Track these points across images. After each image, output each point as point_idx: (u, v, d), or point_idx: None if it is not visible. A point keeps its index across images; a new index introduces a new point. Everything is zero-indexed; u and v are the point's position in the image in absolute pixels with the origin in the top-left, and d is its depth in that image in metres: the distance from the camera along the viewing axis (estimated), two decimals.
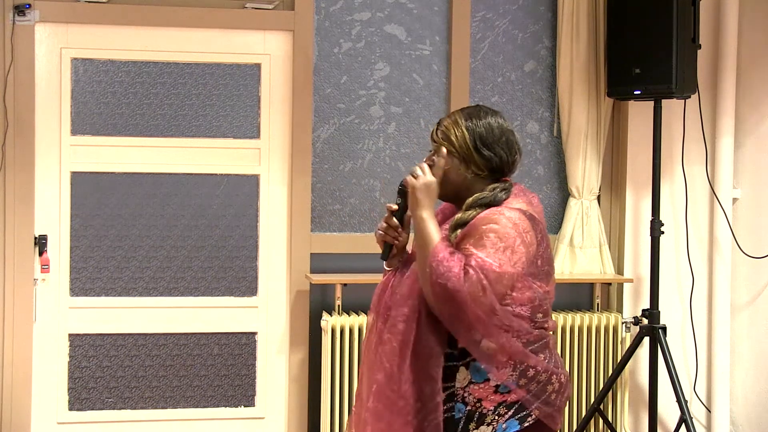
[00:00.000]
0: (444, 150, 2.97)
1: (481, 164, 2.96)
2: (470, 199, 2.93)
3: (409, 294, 2.92)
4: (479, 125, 2.97)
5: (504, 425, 2.87)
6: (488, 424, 2.87)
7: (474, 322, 2.79)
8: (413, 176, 2.95)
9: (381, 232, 3.04)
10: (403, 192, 3.02)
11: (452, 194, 3.00)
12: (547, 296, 2.92)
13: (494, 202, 2.91)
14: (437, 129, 3.01)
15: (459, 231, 2.89)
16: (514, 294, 2.85)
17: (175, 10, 4.98)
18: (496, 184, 2.95)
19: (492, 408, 2.87)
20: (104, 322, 5.01)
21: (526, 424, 2.87)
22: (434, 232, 2.87)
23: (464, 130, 2.96)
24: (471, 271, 2.76)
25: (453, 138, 2.96)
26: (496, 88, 5.33)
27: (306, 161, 5.10)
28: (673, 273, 5.37)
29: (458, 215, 2.92)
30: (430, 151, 3.04)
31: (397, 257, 3.07)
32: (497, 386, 2.86)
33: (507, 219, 2.84)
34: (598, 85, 5.25)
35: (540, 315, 2.90)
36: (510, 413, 2.87)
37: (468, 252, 2.81)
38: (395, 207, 3.03)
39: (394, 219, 3.02)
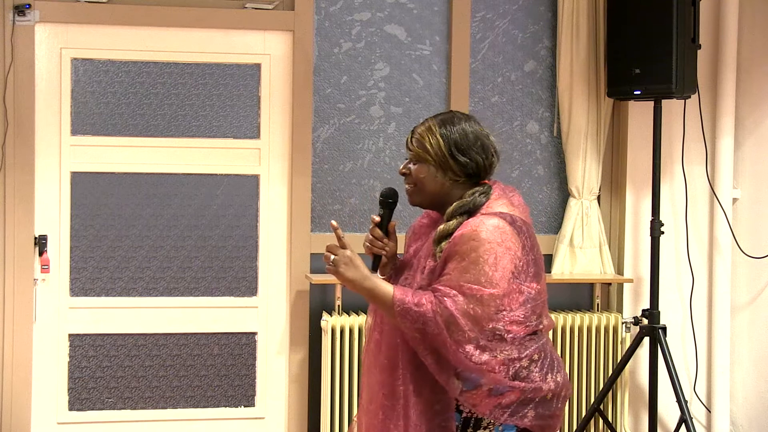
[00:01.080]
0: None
1: (458, 170, 2.94)
2: (450, 208, 2.92)
3: (395, 346, 2.91)
4: (453, 131, 2.95)
5: (500, 428, 2.86)
6: (485, 428, 2.86)
7: (455, 362, 2.78)
8: (328, 265, 2.90)
9: (368, 244, 3.05)
10: (385, 203, 3.05)
11: (430, 202, 3.00)
12: (540, 296, 2.89)
13: (475, 208, 2.90)
14: (411, 137, 3.00)
15: (444, 243, 2.87)
16: (507, 300, 2.82)
17: (175, 10, 4.98)
18: (475, 188, 2.94)
19: (488, 412, 2.85)
20: (104, 322, 5.01)
21: (523, 426, 2.86)
22: (385, 288, 2.84)
23: (439, 138, 2.94)
24: (449, 302, 2.75)
25: (428, 146, 2.95)
26: (496, 88, 5.33)
27: (306, 161, 5.11)
28: (673, 273, 5.37)
29: (441, 227, 2.91)
30: (406, 159, 3.03)
31: (388, 265, 3.09)
32: (490, 390, 2.84)
33: (487, 232, 2.81)
34: (598, 85, 5.25)
35: (534, 318, 2.88)
36: (506, 415, 2.85)
37: (450, 281, 2.78)
38: (378, 219, 3.04)
39: (378, 230, 3.04)
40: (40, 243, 4.91)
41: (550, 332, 3.32)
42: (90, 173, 4.99)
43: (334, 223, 2.94)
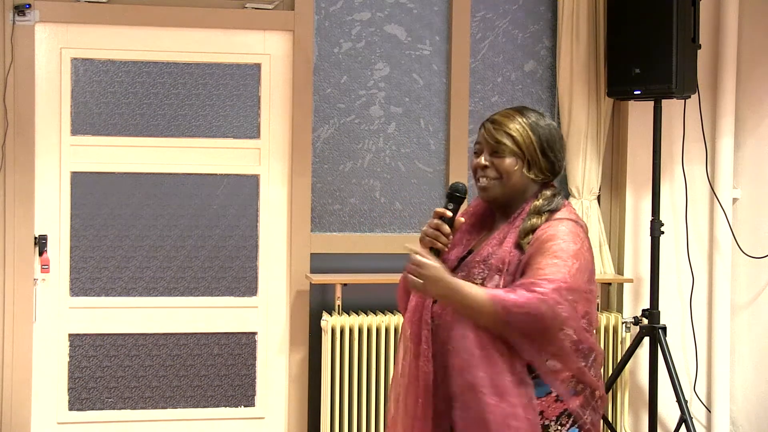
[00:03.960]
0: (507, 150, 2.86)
1: (545, 168, 2.89)
2: (537, 203, 2.86)
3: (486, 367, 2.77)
4: (542, 126, 2.88)
5: None
6: None
7: (557, 353, 2.73)
8: (413, 273, 2.76)
9: (430, 238, 2.86)
10: (454, 197, 2.89)
11: (508, 197, 2.89)
12: (595, 303, 2.88)
13: (556, 209, 2.86)
14: (495, 128, 2.87)
15: (530, 237, 2.80)
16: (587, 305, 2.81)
17: (175, 10, 4.98)
18: (554, 190, 2.90)
19: (554, 418, 2.80)
20: (104, 322, 5.01)
21: (585, 430, 2.84)
22: (477, 291, 2.74)
23: (529, 132, 2.86)
24: (552, 299, 2.69)
25: (520, 139, 2.85)
26: (496, 88, 5.33)
27: (306, 161, 5.10)
28: (673, 273, 5.37)
29: (532, 220, 2.83)
30: (476, 151, 2.91)
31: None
32: (557, 396, 2.79)
33: (575, 236, 2.79)
34: (598, 85, 5.24)
35: (591, 326, 2.84)
36: (570, 422, 2.82)
37: (543, 275, 2.72)
38: (449, 213, 2.88)
39: (446, 225, 2.87)
40: (40, 243, 4.91)
41: None
42: (90, 173, 4.99)
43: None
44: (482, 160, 2.89)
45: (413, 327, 2.90)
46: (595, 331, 2.89)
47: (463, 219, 2.93)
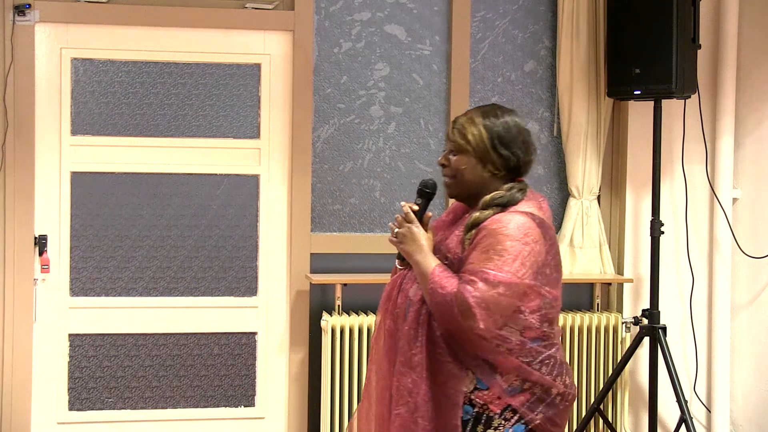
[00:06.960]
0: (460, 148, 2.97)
1: (499, 164, 2.95)
2: (487, 197, 2.91)
3: (418, 321, 2.91)
4: (497, 124, 2.95)
5: (510, 430, 2.86)
6: (495, 429, 2.86)
7: (474, 344, 2.81)
8: (393, 236, 2.99)
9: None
10: (424, 193, 3.02)
11: (467, 193, 2.99)
12: (555, 303, 2.91)
13: (511, 203, 2.90)
14: (453, 128, 2.99)
15: (474, 231, 2.87)
16: (525, 299, 2.83)
17: (175, 10, 4.98)
18: (512, 184, 2.95)
19: (498, 412, 2.86)
20: (104, 322, 5.01)
21: (531, 426, 2.86)
22: (429, 263, 2.88)
23: (482, 129, 2.94)
24: (468, 290, 2.76)
25: (470, 137, 2.94)
26: (496, 88, 5.33)
27: (306, 161, 5.11)
28: (673, 273, 5.37)
29: (475, 214, 2.91)
30: (444, 150, 3.03)
31: None
32: (503, 389, 2.85)
33: (515, 228, 2.82)
34: (598, 85, 5.25)
35: (546, 324, 2.88)
36: (516, 417, 2.86)
37: (473, 268, 2.80)
38: (416, 207, 3.01)
39: (415, 220, 3.00)
40: (40, 243, 4.91)
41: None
42: (90, 173, 4.99)
43: (404, 204, 3.02)
44: (441, 158, 3.03)
45: (383, 316, 3.04)
46: (555, 327, 2.92)
47: (431, 213, 3.05)
